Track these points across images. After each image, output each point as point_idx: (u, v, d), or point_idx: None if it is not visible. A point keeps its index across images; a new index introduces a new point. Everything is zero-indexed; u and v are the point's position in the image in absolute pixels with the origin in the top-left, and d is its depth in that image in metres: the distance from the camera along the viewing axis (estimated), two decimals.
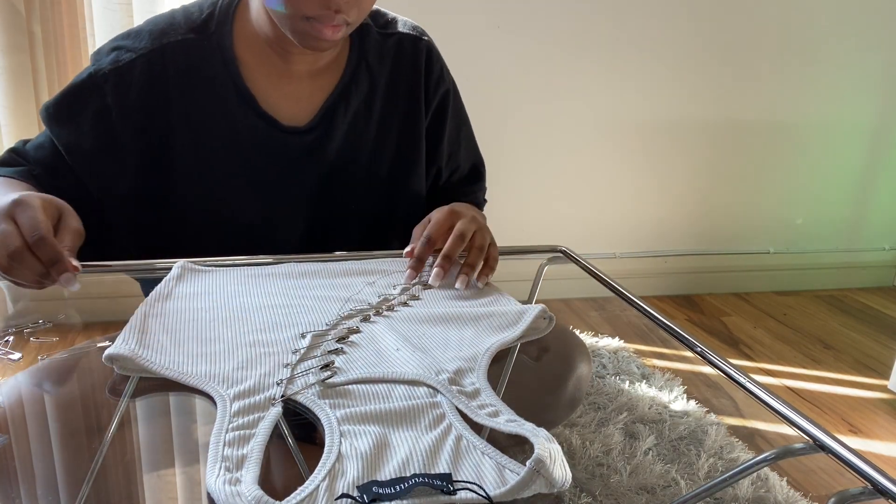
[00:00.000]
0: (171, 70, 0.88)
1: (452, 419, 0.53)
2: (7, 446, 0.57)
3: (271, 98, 0.90)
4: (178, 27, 0.89)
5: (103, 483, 0.54)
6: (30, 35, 1.62)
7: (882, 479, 0.48)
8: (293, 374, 0.58)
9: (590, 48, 1.99)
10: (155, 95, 0.87)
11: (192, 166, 0.90)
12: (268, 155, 0.91)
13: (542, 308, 0.72)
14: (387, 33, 0.97)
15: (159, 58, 0.87)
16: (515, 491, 0.45)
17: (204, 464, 0.47)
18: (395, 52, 0.97)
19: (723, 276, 2.29)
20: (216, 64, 0.88)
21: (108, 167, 0.88)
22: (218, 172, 0.90)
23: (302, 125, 0.91)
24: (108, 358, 0.60)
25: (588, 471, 1.20)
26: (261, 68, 0.90)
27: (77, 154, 0.87)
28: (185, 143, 0.89)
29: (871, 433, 1.50)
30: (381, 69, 0.96)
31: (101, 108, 0.87)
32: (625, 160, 2.13)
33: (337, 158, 0.94)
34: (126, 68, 0.87)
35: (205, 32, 0.89)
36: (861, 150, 2.31)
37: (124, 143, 0.88)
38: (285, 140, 0.91)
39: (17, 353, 1.61)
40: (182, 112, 0.88)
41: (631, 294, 0.81)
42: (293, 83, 0.91)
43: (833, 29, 2.14)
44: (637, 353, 1.75)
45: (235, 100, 0.89)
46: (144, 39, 0.88)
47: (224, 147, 0.89)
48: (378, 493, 0.43)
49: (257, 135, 0.90)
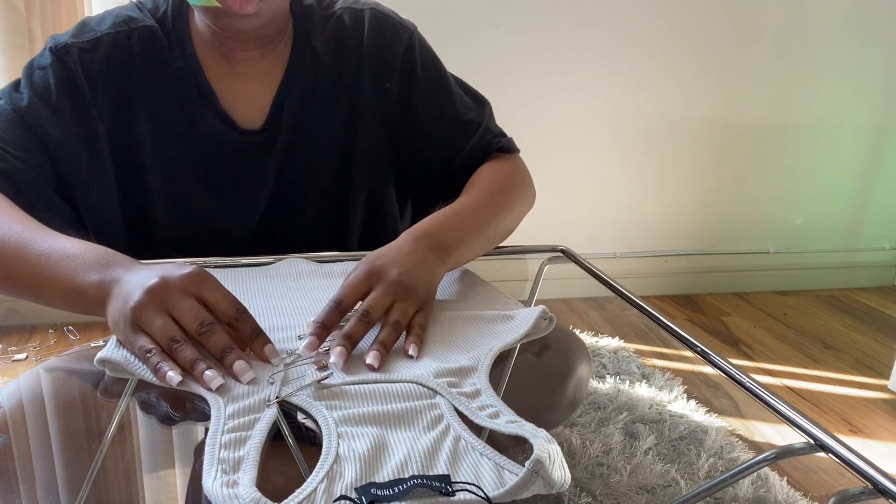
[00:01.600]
0: (137, 53, 0.85)
1: (451, 420, 0.52)
2: (7, 446, 0.57)
3: (227, 98, 0.88)
4: (144, 15, 0.87)
5: (103, 483, 0.54)
6: (30, 35, 1.62)
7: (882, 479, 0.48)
8: (287, 375, 0.58)
9: (590, 48, 1.99)
10: (120, 76, 0.84)
11: (153, 157, 0.87)
12: (224, 155, 0.89)
13: (543, 309, 0.71)
14: (328, 14, 0.92)
15: (125, 39, 0.85)
16: (514, 492, 0.45)
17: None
18: (337, 31, 0.91)
19: (723, 276, 2.29)
20: (178, 58, 0.86)
21: (84, 142, 0.83)
22: (176, 166, 0.88)
23: (257, 126, 0.89)
24: (99, 361, 0.59)
25: (588, 471, 1.20)
26: (214, 69, 0.88)
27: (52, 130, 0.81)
28: (146, 132, 0.86)
29: (871, 433, 1.50)
30: (326, 52, 0.91)
31: (67, 78, 0.82)
32: (625, 160, 2.13)
33: (285, 155, 0.91)
34: (91, 44, 0.83)
35: (165, 26, 0.87)
36: (861, 150, 2.31)
37: (93, 116, 0.83)
38: (241, 142, 0.89)
39: (23, 354, 1.61)
40: (144, 100, 0.86)
41: (631, 294, 0.81)
42: (242, 83, 0.89)
43: (833, 29, 2.14)
44: (637, 353, 1.75)
45: (196, 97, 0.87)
46: (108, 23, 0.85)
47: (182, 142, 0.87)
48: (376, 495, 0.43)
49: (215, 135, 0.88)
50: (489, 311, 0.74)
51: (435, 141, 0.94)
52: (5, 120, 0.80)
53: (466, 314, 0.72)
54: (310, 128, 0.91)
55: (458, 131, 0.94)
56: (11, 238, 0.67)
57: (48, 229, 0.70)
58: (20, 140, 0.80)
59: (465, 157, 0.93)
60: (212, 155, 0.88)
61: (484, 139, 0.94)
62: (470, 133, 0.94)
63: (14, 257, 0.66)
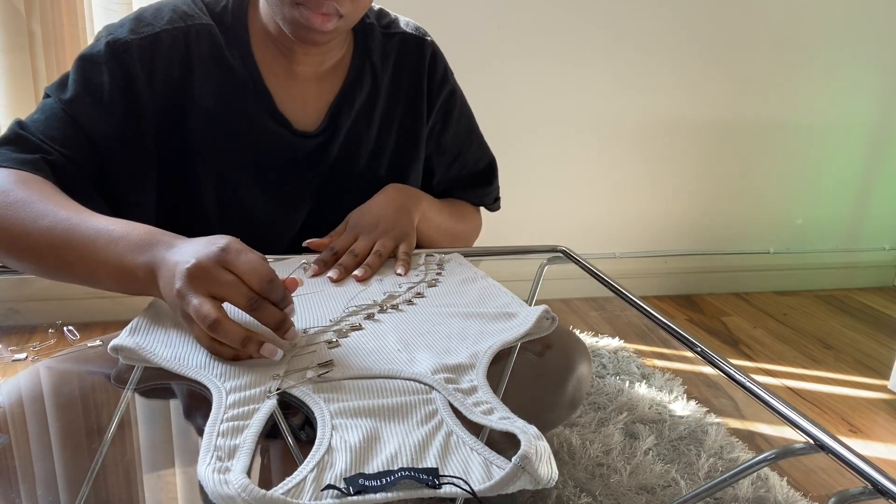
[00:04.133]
0: (195, 51, 0.86)
1: (444, 415, 0.53)
2: (7, 446, 0.57)
3: (283, 99, 0.90)
4: (200, 11, 0.87)
5: (103, 483, 0.54)
6: (30, 35, 1.62)
7: (882, 479, 0.48)
8: (289, 367, 0.59)
9: (590, 48, 1.99)
10: (178, 72, 0.85)
11: (205, 154, 0.88)
12: (277, 155, 0.91)
13: (546, 308, 0.72)
14: (390, 33, 0.96)
15: (183, 36, 0.85)
16: (500, 486, 0.45)
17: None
18: (398, 52, 0.96)
19: (723, 276, 2.29)
20: (235, 56, 0.87)
21: (131, 142, 0.84)
22: (228, 164, 0.89)
23: (311, 129, 0.91)
24: (113, 348, 0.61)
25: (588, 471, 1.20)
26: (272, 68, 0.89)
27: (99, 128, 0.81)
28: (199, 129, 0.87)
29: (871, 433, 1.50)
30: (385, 68, 0.95)
31: (122, 77, 0.82)
32: (625, 160, 2.13)
33: (338, 159, 0.94)
34: (150, 40, 0.83)
35: (223, 23, 0.87)
36: (861, 150, 2.31)
37: (146, 115, 0.84)
38: (295, 143, 0.91)
39: (23, 354, 1.61)
40: (200, 96, 0.86)
41: (631, 294, 0.81)
42: (300, 85, 0.91)
43: (833, 29, 2.14)
44: (637, 353, 1.75)
45: (253, 97, 0.88)
46: (165, 18, 0.85)
47: (235, 141, 0.89)
48: (364, 486, 0.44)
49: (269, 135, 0.89)
50: (492, 308, 0.74)
51: (444, 177, 1.06)
52: (55, 119, 0.80)
53: (469, 311, 0.73)
54: (362, 139, 0.95)
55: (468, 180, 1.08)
56: (59, 225, 0.68)
57: (92, 213, 0.71)
58: (68, 138, 0.80)
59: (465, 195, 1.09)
60: (264, 153, 0.90)
61: (490, 196, 1.11)
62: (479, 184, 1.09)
63: (65, 244, 0.67)
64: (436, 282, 0.81)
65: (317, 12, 0.79)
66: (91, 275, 0.67)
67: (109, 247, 0.66)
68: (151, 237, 0.65)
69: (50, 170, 0.78)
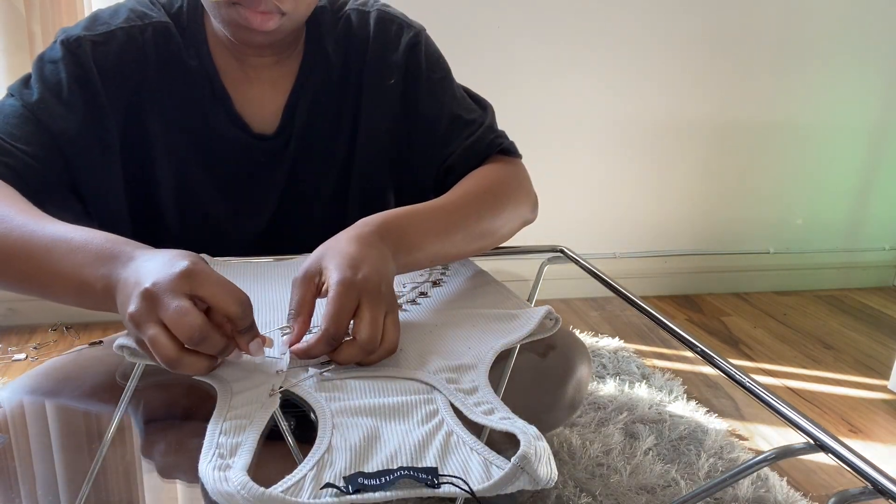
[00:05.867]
0: (151, 49, 0.83)
1: (445, 415, 0.53)
2: (7, 446, 0.57)
3: (240, 101, 0.87)
4: (157, 11, 0.86)
5: (103, 483, 0.54)
6: (30, 35, 1.62)
7: (882, 479, 0.48)
8: (292, 367, 0.59)
9: (589, 48, 1.99)
10: (136, 70, 0.83)
11: (164, 154, 0.86)
12: (236, 158, 0.88)
13: (549, 309, 0.72)
14: (338, 15, 0.91)
15: (139, 34, 0.83)
16: (498, 486, 0.45)
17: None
18: (344, 31, 0.90)
19: (723, 276, 2.29)
20: (193, 57, 0.85)
21: (94, 138, 0.81)
22: (186, 165, 0.88)
23: (269, 131, 0.89)
24: (118, 347, 0.60)
25: (588, 471, 1.20)
26: (228, 70, 0.87)
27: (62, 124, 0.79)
28: (157, 129, 0.85)
29: (871, 433, 1.50)
30: (337, 54, 0.90)
31: (80, 74, 0.80)
32: (625, 160, 2.13)
33: (298, 161, 0.90)
34: (106, 37, 0.81)
35: (180, 24, 0.85)
36: (861, 150, 2.31)
37: (107, 110, 0.82)
38: (253, 145, 0.88)
39: (23, 354, 1.61)
40: (157, 97, 0.84)
41: (631, 294, 0.81)
42: (256, 86, 0.88)
43: (833, 29, 2.14)
44: (637, 353, 1.75)
45: (209, 98, 0.86)
46: (122, 17, 0.84)
47: (193, 142, 0.87)
48: (363, 484, 0.44)
49: (227, 137, 0.87)
50: (496, 309, 0.74)
51: (436, 139, 0.92)
52: (16, 116, 0.78)
53: (472, 312, 0.73)
54: (319, 134, 0.91)
55: (459, 130, 0.91)
56: (14, 232, 0.64)
57: (51, 219, 0.66)
58: (30, 136, 0.78)
59: (463, 154, 0.90)
60: (223, 156, 0.88)
61: (486, 137, 0.91)
62: (470, 132, 0.91)
63: (20, 254, 0.62)
64: (440, 282, 0.81)
65: (255, 11, 0.75)
66: (47, 287, 0.62)
67: (67, 257, 0.60)
68: (113, 248, 0.60)
69: (9, 172, 0.74)
